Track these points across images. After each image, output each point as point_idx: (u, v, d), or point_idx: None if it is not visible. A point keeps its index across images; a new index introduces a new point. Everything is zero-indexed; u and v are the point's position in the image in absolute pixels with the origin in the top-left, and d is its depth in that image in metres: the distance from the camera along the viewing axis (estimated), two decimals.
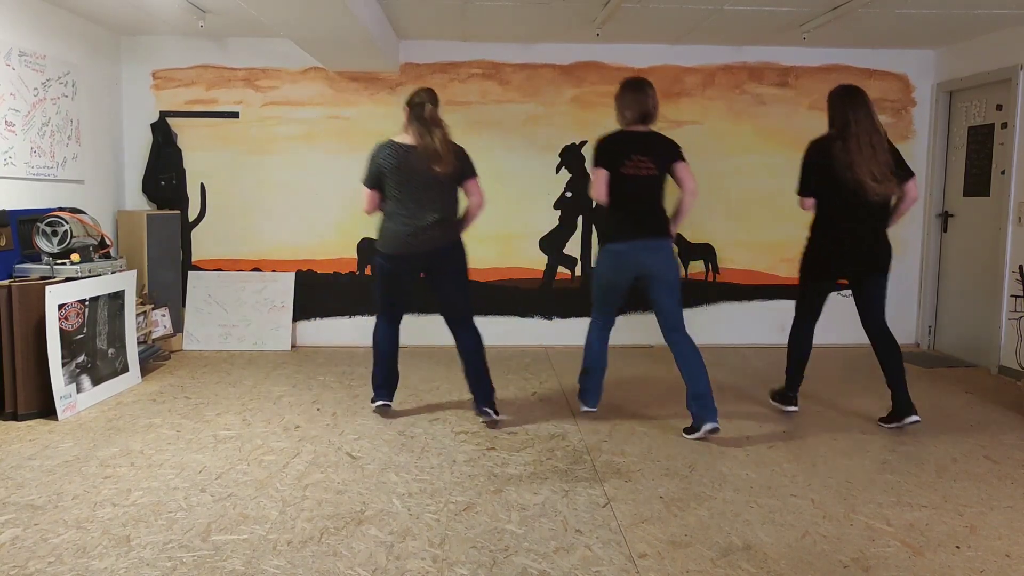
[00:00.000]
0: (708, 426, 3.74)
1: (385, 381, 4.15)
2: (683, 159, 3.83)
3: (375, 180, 3.82)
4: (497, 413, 4.03)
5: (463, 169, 3.85)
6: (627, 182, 3.75)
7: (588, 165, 5.99)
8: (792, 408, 4.32)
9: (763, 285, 6.20)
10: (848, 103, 3.83)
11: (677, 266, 3.88)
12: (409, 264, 3.89)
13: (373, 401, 4.20)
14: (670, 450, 3.67)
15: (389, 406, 4.19)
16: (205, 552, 2.60)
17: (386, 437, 3.83)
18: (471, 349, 3.97)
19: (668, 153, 3.81)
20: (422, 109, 3.76)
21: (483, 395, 4.01)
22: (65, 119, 5.03)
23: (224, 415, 4.18)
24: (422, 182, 3.77)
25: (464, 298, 3.97)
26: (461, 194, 3.92)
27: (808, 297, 4.16)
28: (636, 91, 3.83)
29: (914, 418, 3.93)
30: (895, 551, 2.67)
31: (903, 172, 3.86)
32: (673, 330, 3.82)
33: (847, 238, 3.90)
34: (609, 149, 3.80)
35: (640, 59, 5.98)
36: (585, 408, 4.21)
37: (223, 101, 5.90)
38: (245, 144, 5.91)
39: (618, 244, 3.79)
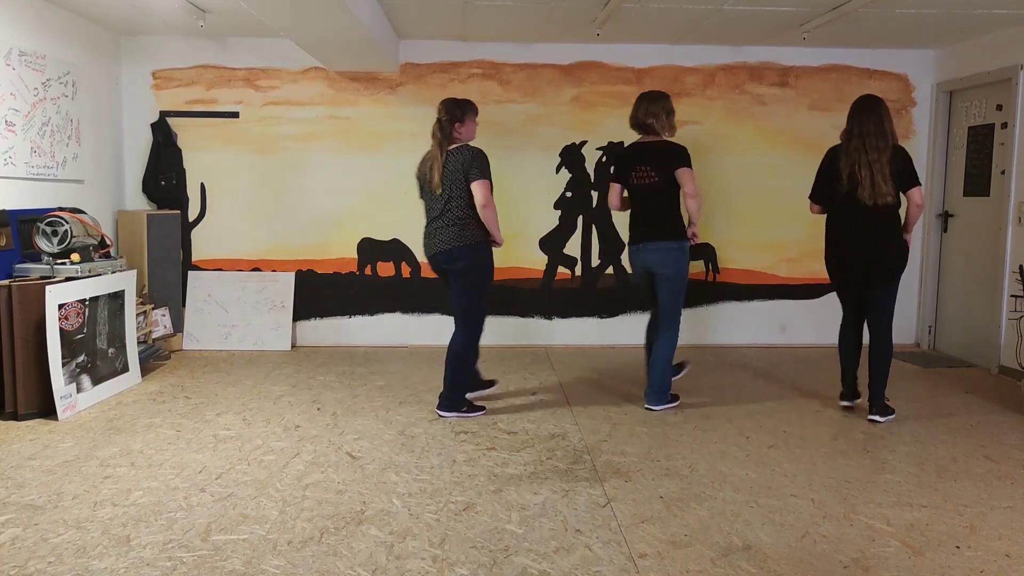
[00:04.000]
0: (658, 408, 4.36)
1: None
2: (684, 165, 4.11)
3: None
4: None
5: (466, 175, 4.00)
6: (634, 191, 4.22)
7: (589, 167, 6.04)
8: (849, 403, 4.37)
9: (763, 285, 6.20)
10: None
11: (675, 265, 4.15)
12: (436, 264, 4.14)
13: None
14: (670, 450, 3.68)
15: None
16: (205, 552, 2.60)
17: (386, 437, 3.83)
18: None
19: (669, 161, 4.13)
20: (437, 124, 4.00)
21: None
22: (65, 119, 5.03)
23: (224, 415, 4.18)
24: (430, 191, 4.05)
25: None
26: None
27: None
28: (634, 104, 4.24)
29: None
30: (895, 551, 2.67)
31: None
32: (655, 329, 4.30)
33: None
34: (618, 162, 4.33)
35: (640, 59, 5.98)
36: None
37: (223, 101, 5.89)
38: (245, 144, 5.91)
39: (631, 246, 4.30)
